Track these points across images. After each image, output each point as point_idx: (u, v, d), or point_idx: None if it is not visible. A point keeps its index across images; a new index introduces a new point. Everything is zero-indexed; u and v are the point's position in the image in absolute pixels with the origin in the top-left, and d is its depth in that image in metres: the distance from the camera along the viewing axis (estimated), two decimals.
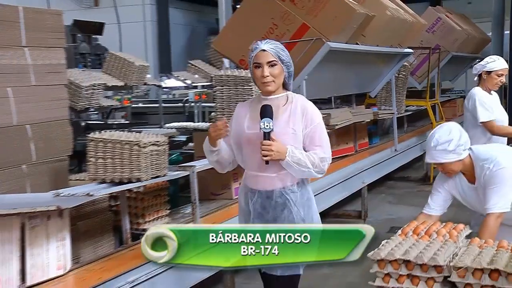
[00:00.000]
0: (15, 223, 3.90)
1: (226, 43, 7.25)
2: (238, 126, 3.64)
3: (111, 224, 5.09)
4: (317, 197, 6.82)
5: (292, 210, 3.52)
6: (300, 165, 3.43)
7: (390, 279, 3.42)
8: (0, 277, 3.87)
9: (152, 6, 16.84)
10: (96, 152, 4.64)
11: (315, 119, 3.56)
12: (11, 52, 4.50)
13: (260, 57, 3.47)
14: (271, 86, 3.50)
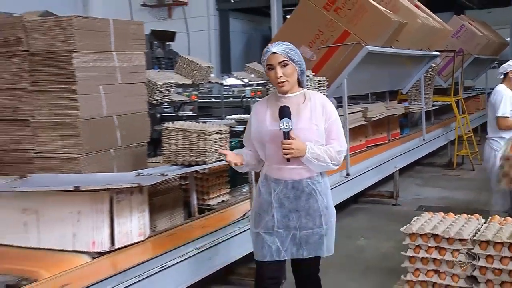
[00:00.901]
0: (106, 197, 3.99)
1: None
2: (259, 124, 3.41)
3: (181, 199, 5.15)
4: (355, 179, 6.88)
5: (318, 199, 3.32)
6: (319, 160, 3.22)
7: (420, 250, 3.42)
8: (94, 240, 3.97)
9: (215, 17, 16.91)
10: (170, 139, 4.71)
11: (332, 115, 3.35)
12: (103, 57, 4.57)
13: (271, 59, 3.25)
14: (286, 86, 3.28)
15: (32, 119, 4.53)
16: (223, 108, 10.13)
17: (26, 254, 4.03)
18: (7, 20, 4.69)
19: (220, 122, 7.17)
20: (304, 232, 3.32)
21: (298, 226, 3.32)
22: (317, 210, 3.32)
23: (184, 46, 15.17)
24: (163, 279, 3.93)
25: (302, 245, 3.34)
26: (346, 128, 6.78)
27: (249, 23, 18.50)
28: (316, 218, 3.32)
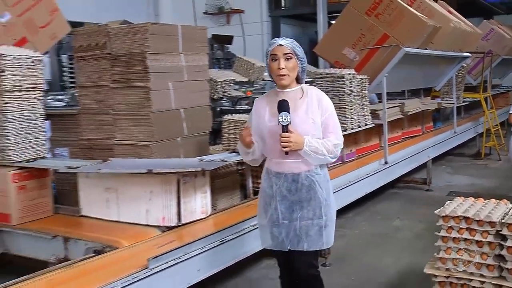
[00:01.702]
0: (173, 179, 4.03)
1: (325, 49, 7.24)
2: (259, 120, 3.13)
3: (238, 182, 5.17)
4: (392, 167, 6.79)
5: (317, 191, 3.06)
6: (317, 153, 2.96)
7: (452, 231, 3.36)
8: (164, 216, 4.04)
9: (268, 23, 16.85)
10: (229, 129, 4.74)
11: (328, 108, 3.07)
12: (172, 57, 4.63)
13: (277, 50, 2.98)
14: (286, 79, 2.99)
15: (113, 112, 4.63)
16: None
17: (108, 226, 4.14)
18: (94, 29, 4.81)
19: None
20: (304, 223, 3.07)
21: (299, 216, 3.08)
22: (318, 201, 3.07)
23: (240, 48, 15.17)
24: (223, 252, 3.97)
25: (303, 236, 3.07)
26: (385, 121, 6.71)
27: (298, 28, 18.34)
28: (316, 209, 3.07)
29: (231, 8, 17.06)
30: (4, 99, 4.24)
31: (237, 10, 17.01)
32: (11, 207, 4.25)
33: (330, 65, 7.16)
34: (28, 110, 4.40)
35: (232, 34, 13.80)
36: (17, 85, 4.29)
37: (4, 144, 4.32)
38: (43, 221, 4.38)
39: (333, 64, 6.89)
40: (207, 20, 16.87)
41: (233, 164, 5.02)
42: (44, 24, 4.99)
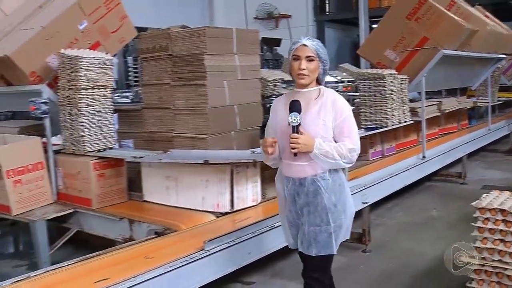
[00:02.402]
0: (227, 169, 4.06)
1: (367, 51, 7.15)
2: (276, 119, 2.85)
3: None
4: (430, 162, 6.61)
5: (324, 196, 2.72)
6: (327, 157, 2.64)
7: (488, 222, 3.25)
8: (218, 203, 4.06)
9: (313, 27, 16.75)
10: None
11: (344, 112, 2.71)
12: (227, 58, 4.64)
13: (300, 50, 2.68)
14: (305, 79, 2.70)
15: (173, 107, 4.68)
16: None
17: (168, 210, 4.20)
18: (158, 33, 4.87)
19: None
20: (312, 229, 2.76)
21: (307, 221, 2.78)
22: (324, 208, 2.73)
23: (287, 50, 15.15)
24: (272, 237, 3.95)
25: (312, 242, 2.76)
26: (423, 118, 6.56)
27: (341, 32, 18.13)
28: (322, 215, 2.74)
29: (280, 13, 17.05)
30: (80, 96, 4.36)
31: (285, 15, 16.98)
32: (92, 193, 4.39)
33: (371, 65, 7.05)
34: (99, 105, 4.51)
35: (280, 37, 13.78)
36: (91, 83, 4.41)
37: (79, 136, 4.45)
38: (113, 205, 4.49)
39: (375, 65, 6.77)
40: (257, 24, 16.88)
41: None
42: (115, 30, 5.09)
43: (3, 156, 4.35)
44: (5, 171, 4.31)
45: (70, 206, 4.53)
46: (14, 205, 4.38)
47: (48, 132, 4.61)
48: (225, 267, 3.55)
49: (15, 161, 4.38)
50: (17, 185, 4.39)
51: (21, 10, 5.31)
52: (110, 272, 3.03)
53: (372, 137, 6.15)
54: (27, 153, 4.50)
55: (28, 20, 4.97)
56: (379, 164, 6.06)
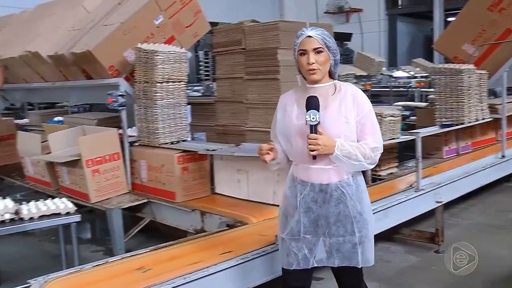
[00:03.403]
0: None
1: (444, 45, 6.93)
2: (285, 117, 2.50)
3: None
4: (510, 161, 6.30)
5: (348, 204, 2.41)
6: (350, 158, 2.32)
7: None
8: None
9: (385, 21, 16.44)
10: None
11: (366, 107, 2.42)
12: None
13: (305, 43, 2.36)
14: (317, 74, 2.37)
15: (246, 101, 4.74)
16: (391, 96, 9.83)
17: (239, 203, 4.26)
18: (231, 27, 4.95)
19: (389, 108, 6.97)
20: (335, 240, 2.44)
21: (327, 232, 2.45)
22: (348, 216, 2.43)
23: (357, 45, 14.92)
24: None
25: (333, 253, 2.46)
26: (504, 115, 6.26)
27: (413, 25, 17.66)
28: (347, 225, 2.43)
29: (351, 7, 16.84)
30: (156, 89, 4.49)
31: (356, 9, 16.75)
32: (176, 186, 4.45)
33: (446, 60, 6.82)
34: (173, 98, 4.63)
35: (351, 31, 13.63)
36: (166, 76, 4.53)
37: (153, 128, 4.58)
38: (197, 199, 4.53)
39: (452, 59, 6.53)
40: (327, 18, 16.77)
41: None
42: (189, 24, 5.20)
43: (83, 146, 4.56)
44: (84, 161, 4.51)
45: (144, 196, 4.69)
46: (93, 193, 4.58)
47: (124, 124, 4.78)
48: None
49: (94, 151, 4.58)
50: (96, 174, 4.59)
51: (102, 7, 5.54)
52: (183, 261, 3.11)
53: (446, 135, 5.96)
54: (104, 144, 4.69)
55: (108, 17, 5.17)
56: (454, 162, 5.88)
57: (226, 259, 3.12)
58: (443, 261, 4.32)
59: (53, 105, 8.78)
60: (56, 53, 5.22)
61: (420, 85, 9.29)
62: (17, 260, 4.63)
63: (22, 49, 5.73)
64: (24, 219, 3.32)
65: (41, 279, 2.79)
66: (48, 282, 2.78)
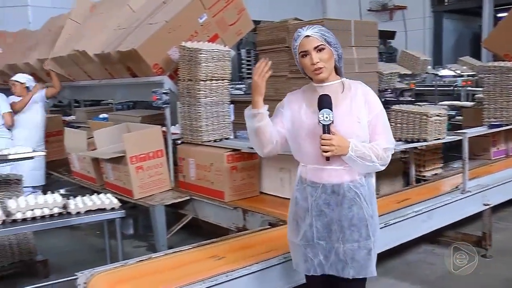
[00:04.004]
0: None
1: (494, 42, 6.74)
2: (293, 117, 2.39)
3: (401, 170, 5.02)
4: None
5: (363, 206, 2.30)
6: (364, 159, 2.21)
7: None
8: None
9: (430, 18, 16.06)
10: (396, 119, 4.56)
11: (377, 106, 2.31)
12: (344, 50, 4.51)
13: (305, 44, 2.27)
14: (324, 72, 2.28)
15: None
16: (436, 95, 9.61)
17: (281, 202, 4.23)
18: (275, 25, 4.94)
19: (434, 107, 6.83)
20: (349, 246, 2.30)
21: (341, 238, 2.31)
22: (363, 219, 2.30)
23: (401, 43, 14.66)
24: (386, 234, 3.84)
25: (348, 262, 2.32)
26: None
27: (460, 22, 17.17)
28: (362, 229, 2.31)
29: (395, 4, 16.54)
30: (199, 87, 4.53)
31: (400, 7, 16.45)
32: (225, 186, 4.43)
33: (495, 58, 6.63)
34: (217, 96, 4.65)
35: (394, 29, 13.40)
36: (210, 74, 4.56)
37: (197, 126, 4.62)
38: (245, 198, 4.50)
39: (502, 57, 6.34)
40: (370, 16, 16.55)
41: (398, 152, 4.87)
42: (233, 22, 5.23)
43: (128, 143, 4.64)
44: (129, 157, 4.59)
45: (187, 193, 4.73)
46: (136, 190, 4.66)
47: (168, 121, 4.85)
48: None
49: (138, 148, 4.66)
50: (139, 171, 4.66)
51: (147, 6, 5.64)
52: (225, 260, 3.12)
53: (495, 135, 5.81)
54: (148, 141, 4.77)
55: (153, 15, 5.25)
56: (503, 164, 5.74)
57: (268, 257, 3.11)
58: (491, 266, 4.21)
59: (99, 103, 9.00)
60: (102, 52, 5.34)
61: (467, 83, 9.04)
62: (64, 253, 4.77)
63: (70, 48, 5.88)
64: (72, 214, 3.40)
65: (87, 272, 2.85)
66: (94, 276, 2.84)
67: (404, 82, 7.92)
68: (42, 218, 3.32)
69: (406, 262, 4.47)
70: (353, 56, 4.60)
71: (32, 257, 4.18)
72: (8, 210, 3.28)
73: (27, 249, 4.14)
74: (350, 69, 4.58)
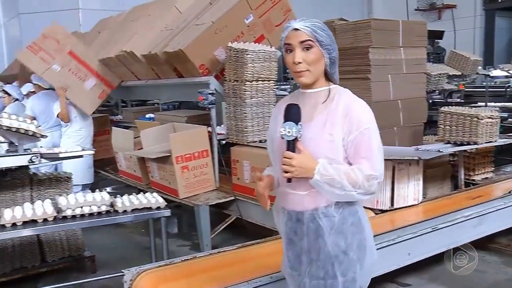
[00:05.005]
0: (389, 166, 3.96)
1: None
2: (273, 129, 2.04)
3: (449, 173, 4.90)
4: None
5: (327, 240, 1.91)
6: (333, 186, 1.82)
7: None
8: (378, 200, 3.99)
9: (481, 17, 15.61)
10: (445, 121, 4.48)
11: (362, 123, 1.87)
12: (392, 51, 4.54)
13: (291, 36, 1.87)
14: (306, 76, 1.88)
15: None
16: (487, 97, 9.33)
17: None
18: None
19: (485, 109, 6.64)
20: (314, 283, 1.96)
21: (308, 272, 1.98)
22: (328, 256, 1.92)
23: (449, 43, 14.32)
24: (434, 239, 3.77)
25: None
26: None
27: None
28: (327, 265, 1.93)
29: (443, 3, 16.15)
30: (245, 88, 4.55)
31: (450, 5, 16.04)
32: None
33: None
34: (262, 97, 4.67)
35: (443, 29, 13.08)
36: (256, 75, 4.58)
37: (242, 126, 4.64)
38: None
39: None
40: (418, 16, 16.23)
41: (446, 155, 4.76)
42: (279, 23, 5.22)
43: (174, 143, 4.71)
44: (174, 157, 4.66)
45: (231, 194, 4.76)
46: (181, 189, 4.72)
47: (213, 122, 4.88)
48: (382, 266, 3.46)
49: (183, 148, 4.72)
50: (185, 170, 4.72)
51: (194, 7, 5.70)
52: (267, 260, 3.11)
53: None
54: (194, 141, 4.82)
55: (200, 16, 5.31)
56: None
57: None
58: None
59: (145, 103, 9.17)
60: (149, 53, 5.43)
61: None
62: (110, 249, 4.88)
63: (119, 49, 6.01)
64: (118, 212, 3.47)
65: (133, 270, 2.91)
66: (141, 273, 2.89)
67: (452, 83, 7.73)
68: (90, 215, 3.40)
69: None
70: (401, 56, 4.53)
71: (81, 252, 4.29)
72: (59, 207, 3.38)
73: (75, 245, 4.26)
74: (398, 70, 4.52)
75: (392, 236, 3.52)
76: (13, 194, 3.90)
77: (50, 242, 4.12)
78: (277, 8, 5.19)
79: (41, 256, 4.12)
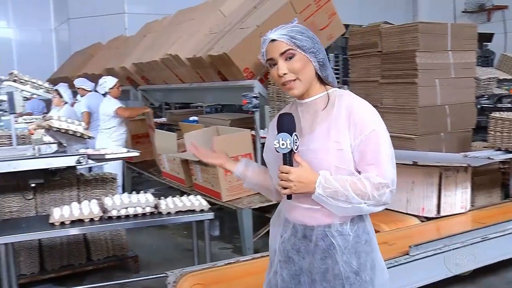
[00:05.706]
0: (436, 172, 3.89)
1: None
2: (271, 143, 1.78)
3: (499, 181, 4.75)
4: None
5: (339, 260, 1.70)
6: (337, 199, 1.61)
7: None
8: (424, 207, 3.90)
9: None
10: (496, 127, 4.34)
11: (367, 126, 1.66)
12: (440, 55, 4.45)
13: (270, 50, 1.70)
14: (295, 87, 1.70)
15: (380, 105, 4.63)
16: None
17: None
18: (367, 29, 4.88)
19: None
20: None
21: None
22: (338, 277, 1.71)
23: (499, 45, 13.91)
24: (484, 249, 3.66)
25: None
26: None
27: None
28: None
29: (493, 4, 15.69)
30: None
31: (500, 7, 15.56)
32: None
33: None
34: None
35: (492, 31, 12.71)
36: None
37: None
38: None
39: None
40: (465, 18, 15.82)
41: (495, 162, 4.61)
42: (324, 26, 5.19)
43: (217, 146, 4.72)
44: None
45: None
46: (224, 192, 4.73)
47: (257, 125, 4.89)
48: (430, 275, 3.38)
49: (227, 151, 4.69)
50: (228, 174, 4.73)
51: (238, 11, 5.74)
52: None
53: None
54: (238, 144, 4.82)
55: (244, 20, 5.34)
56: None
57: None
58: None
59: (188, 105, 9.28)
60: (194, 56, 5.50)
61: None
62: (152, 250, 4.95)
63: (163, 52, 6.11)
64: (162, 213, 3.52)
65: (177, 272, 2.94)
66: (184, 275, 2.92)
67: (503, 87, 7.49)
68: (135, 216, 3.46)
69: (506, 281, 4.21)
70: (449, 60, 4.43)
71: (124, 252, 4.37)
72: (105, 207, 3.45)
73: (120, 245, 4.34)
74: (445, 75, 4.43)
75: (439, 244, 3.43)
76: (61, 194, 4.02)
77: (95, 241, 4.22)
78: (322, 11, 5.17)
79: (87, 255, 4.23)
